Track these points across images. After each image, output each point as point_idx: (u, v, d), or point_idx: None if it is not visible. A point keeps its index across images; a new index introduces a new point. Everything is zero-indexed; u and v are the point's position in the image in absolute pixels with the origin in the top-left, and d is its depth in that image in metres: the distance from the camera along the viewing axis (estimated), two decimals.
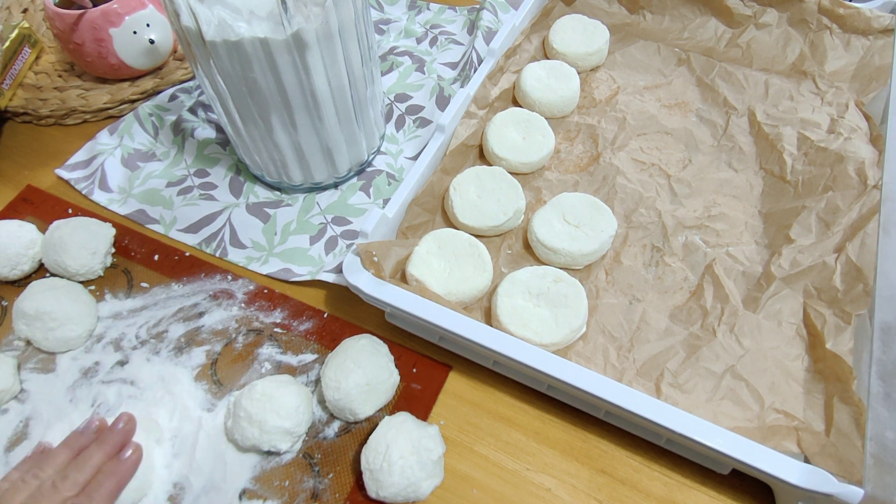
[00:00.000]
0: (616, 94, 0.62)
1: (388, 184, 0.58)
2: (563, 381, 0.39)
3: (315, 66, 0.45)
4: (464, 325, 0.41)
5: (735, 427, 0.39)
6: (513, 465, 0.43)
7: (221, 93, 0.47)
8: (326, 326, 0.49)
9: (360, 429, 0.44)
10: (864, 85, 0.58)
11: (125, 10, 0.59)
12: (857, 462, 0.36)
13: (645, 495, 0.42)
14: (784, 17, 0.62)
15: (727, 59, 0.63)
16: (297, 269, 0.52)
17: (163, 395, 0.45)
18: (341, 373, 0.42)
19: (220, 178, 0.59)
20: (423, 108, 0.64)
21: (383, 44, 0.70)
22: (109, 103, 0.64)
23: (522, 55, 0.64)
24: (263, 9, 0.40)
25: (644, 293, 0.48)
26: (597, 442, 0.44)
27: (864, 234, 0.46)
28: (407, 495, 0.39)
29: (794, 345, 0.45)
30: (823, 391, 0.42)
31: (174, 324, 0.49)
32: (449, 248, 0.47)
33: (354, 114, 0.52)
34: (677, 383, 0.43)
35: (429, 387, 0.46)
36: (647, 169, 0.56)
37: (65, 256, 0.50)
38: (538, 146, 0.55)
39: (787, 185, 0.53)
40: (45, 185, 0.59)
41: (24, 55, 0.66)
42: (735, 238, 0.51)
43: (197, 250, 0.54)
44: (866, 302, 0.43)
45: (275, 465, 0.43)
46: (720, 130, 0.58)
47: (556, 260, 0.49)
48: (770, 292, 0.47)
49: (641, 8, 0.67)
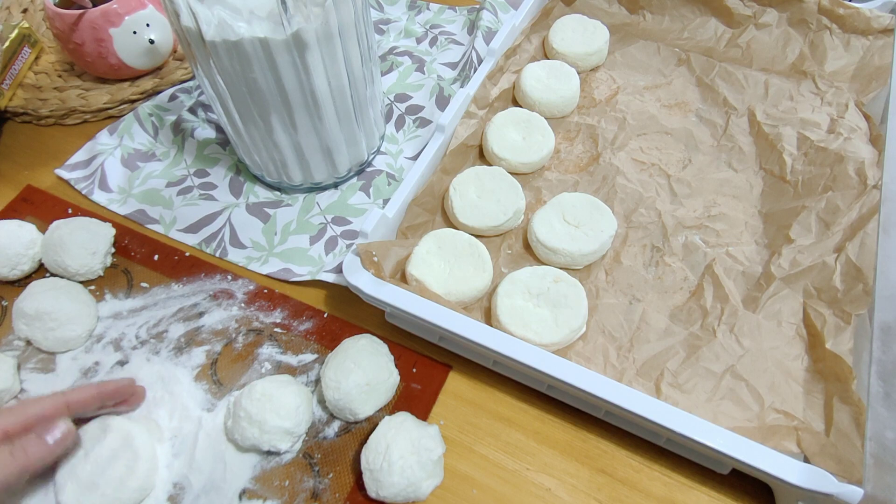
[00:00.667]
0: (616, 94, 0.62)
1: (388, 184, 0.58)
2: (562, 381, 0.39)
3: (315, 66, 0.45)
4: (464, 325, 0.41)
5: (735, 427, 0.39)
6: (513, 465, 0.43)
7: (221, 93, 0.47)
8: (326, 326, 0.49)
9: (360, 429, 0.44)
10: (863, 85, 0.58)
11: (125, 10, 0.59)
12: (856, 462, 0.36)
13: (645, 495, 0.42)
14: (784, 17, 0.62)
15: (727, 60, 0.63)
16: (297, 269, 0.52)
17: (163, 395, 0.45)
18: (341, 373, 0.42)
19: (220, 178, 0.59)
20: (423, 108, 0.64)
21: (383, 44, 0.70)
22: (109, 103, 0.64)
23: (522, 55, 0.64)
24: (263, 9, 0.40)
25: (644, 293, 0.48)
26: (597, 442, 0.44)
27: (863, 234, 0.46)
28: (407, 495, 0.39)
29: (794, 345, 0.45)
30: (823, 391, 0.42)
31: (174, 324, 0.49)
32: (449, 248, 0.47)
33: (354, 114, 0.52)
34: (677, 383, 0.43)
35: (429, 387, 0.46)
36: (647, 169, 0.56)
37: (65, 256, 0.50)
38: (538, 146, 0.55)
39: (786, 185, 0.53)
40: (44, 185, 0.59)
41: (23, 55, 0.66)
42: (735, 238, 0.51)
43: (197, 250, 0.54)
44: (866, 302, 0.43)
45: (275, 465, 0.43)
46: (720, 130, 0.58)
47: (556, 260, 0.49)
48: (770, 292, 0.47)
49: (641, 8, 0.67)
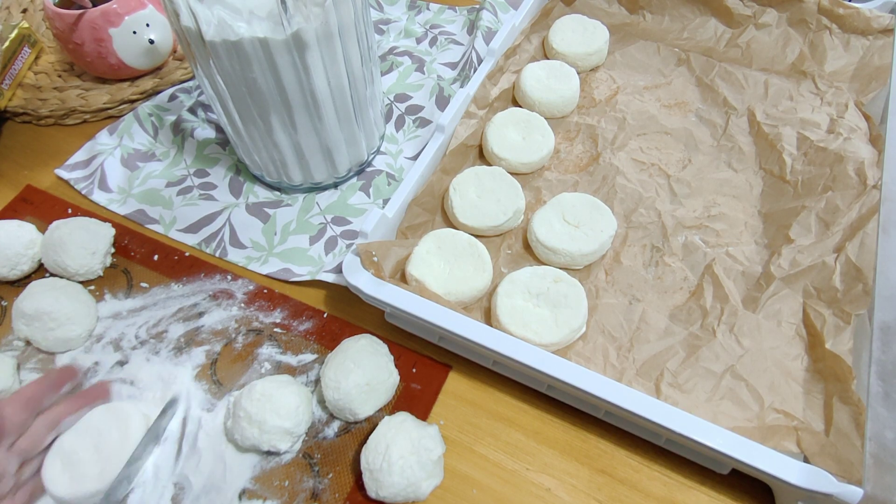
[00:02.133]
0: (616, 94, 0.62)
1: (387, 184, 0.58)
2: (562, 381, 0.39)
3: (315, 67, 0.45)
4: (463, 325, 0.41)
5: (735, 427, 0.39)
6: (512, 465, 0.43)
7: (221, 93, 0.47)
8: (326, 326, 0.49)
9: (359, 429, 0.44)
10: (863, 85, 0.58)
11: (125, 10, 0.59)
12: (856, 462, 0.36)
13: (645, 495, 0.42)
14: (783, 17, 0.62)
15: (727, 59, 0.63)
16: (296, 269, 0.52)
17: (162, 396, 0.45)
18: (341, 373, 0.42)
19: (220, 178, 0.59)
20: (423, 108, 0.64)
21: (383, 44, 0.70)
22: (109, 103, 0.63)
23: (522, 55, 0.64)
24: (263, 9, 0.40)
25: (644, 293, 0.48)
26: (596, 442, 0.44)
27: (863, 233, 0.46)
28: (407, 495, 0.39)
29: (794, 345, 0.45)
30: (823, 391, 0.42)
31: (174, 324, 0.49)
32: (448, 248, 0.47)
33: (354, 114, 0.52)
34: (677, 383, 0.43)
35: (428, 387, 0.46)
36: (647, 169, 0.56)
37: (64, 256, 0.50)
38: (538, 146, 0.55)
39: (786, 185, 0.53)
40: (44, 185, 0.59)
41: (23, 55, 0.66)
42: (735, 238, 0.51)
43: (196, 250, 0.54)
44: (866, 302, 0.43)
45: (274, 465, 0.43)
46: (720, 130, 0.58)
47: (556, 260, 0.49)
48: (770, 292, 0.47)
49: (641, 8, 0.67)
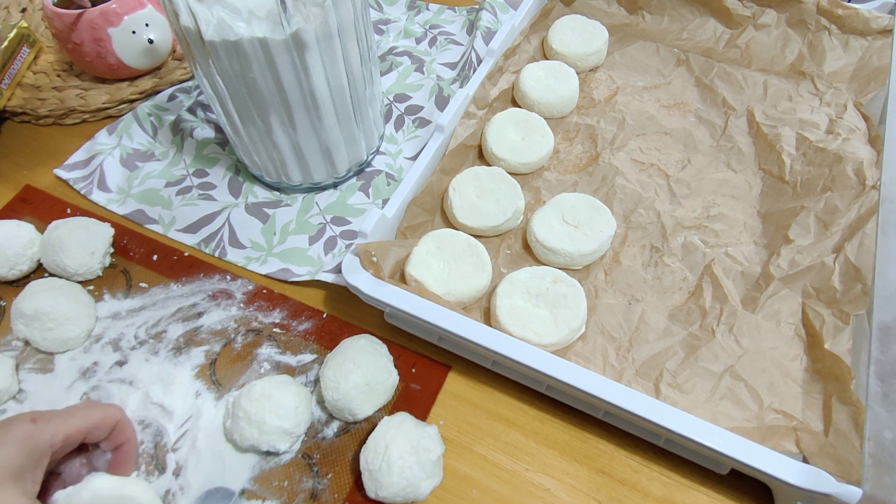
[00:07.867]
0: (615, 94, 0.62)
1: (387, 184, 0.58)
2: (562, 382, 0.39)
3: (314, 67, 0.45)
4: (463, 326, 0.41)
5: (734, 427, 0.39)
6: (512, 466, 0.43)
7: (220, 93, 0.47)
8: (325, 326, 0.49)
9: (359, 429, 0.44)
10: (862, 85, 0.58)
11: (124, 9, 0.59)
12: (855, 462, 0.36)
13: (644, 495, 0.42)
14: (783, 17, 0.62)
15: (726, 60, 0.63)
16: (296, 270, 0.52)
17: (162, 396, 0.45)
18: (340, 373, 0.42)
19: (219, 178, 0.59)
20: (423, 109, 0.64)
21: (382, 44, 0.70)
22: (108, 103, 0.63)
23: (521, 55, 0.64)
24: (262, 9, 0.40)
25: (643, 293, 0.48)
26: (596, 442, 0.44)
27: (862, 234, 0.46)
28: (406, 495, 0.39)
29: (793, 345, 0.45)
30: (822, 391, 0.42)
31: (173, 324, 0.49)
32: (448, 248, 0.47)
33: (353, 114, 0.52)
34: (676, 383, 0.43)
35: (428, 387, 0.46)
36: (646, 169, 0.56)
37: (63, 256, 0.50)
38: (537, 146, 0.55)
39: (785, 186, 0.53)
40: (43, 185, 0.59)
41: (22, 55, 0.66)
42: (734, 238, 0.51)
43: (196, 250, 0.54)
44: (865, 302, 0.43)
45: (274, 465, 0.43)
46: (719, 131, 0.58)
47: (556, 260, 0.49)
48: (769, 292, 0.47)
49: (640, 8, 0.67)
